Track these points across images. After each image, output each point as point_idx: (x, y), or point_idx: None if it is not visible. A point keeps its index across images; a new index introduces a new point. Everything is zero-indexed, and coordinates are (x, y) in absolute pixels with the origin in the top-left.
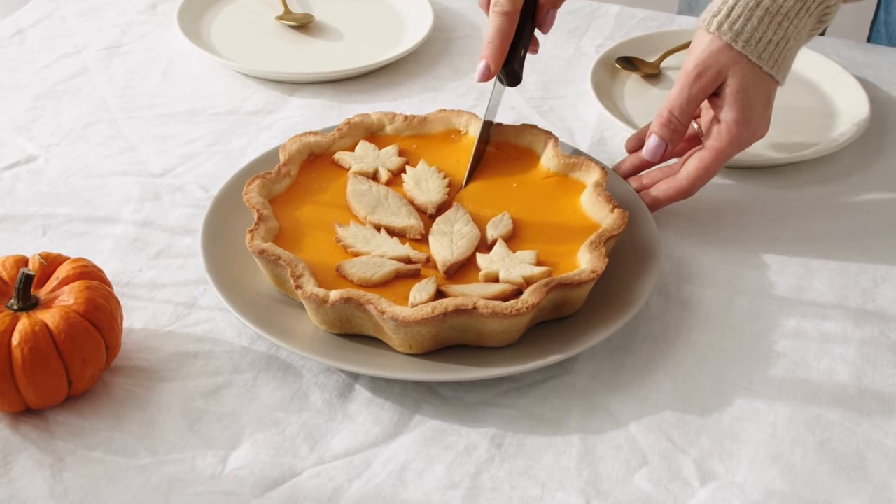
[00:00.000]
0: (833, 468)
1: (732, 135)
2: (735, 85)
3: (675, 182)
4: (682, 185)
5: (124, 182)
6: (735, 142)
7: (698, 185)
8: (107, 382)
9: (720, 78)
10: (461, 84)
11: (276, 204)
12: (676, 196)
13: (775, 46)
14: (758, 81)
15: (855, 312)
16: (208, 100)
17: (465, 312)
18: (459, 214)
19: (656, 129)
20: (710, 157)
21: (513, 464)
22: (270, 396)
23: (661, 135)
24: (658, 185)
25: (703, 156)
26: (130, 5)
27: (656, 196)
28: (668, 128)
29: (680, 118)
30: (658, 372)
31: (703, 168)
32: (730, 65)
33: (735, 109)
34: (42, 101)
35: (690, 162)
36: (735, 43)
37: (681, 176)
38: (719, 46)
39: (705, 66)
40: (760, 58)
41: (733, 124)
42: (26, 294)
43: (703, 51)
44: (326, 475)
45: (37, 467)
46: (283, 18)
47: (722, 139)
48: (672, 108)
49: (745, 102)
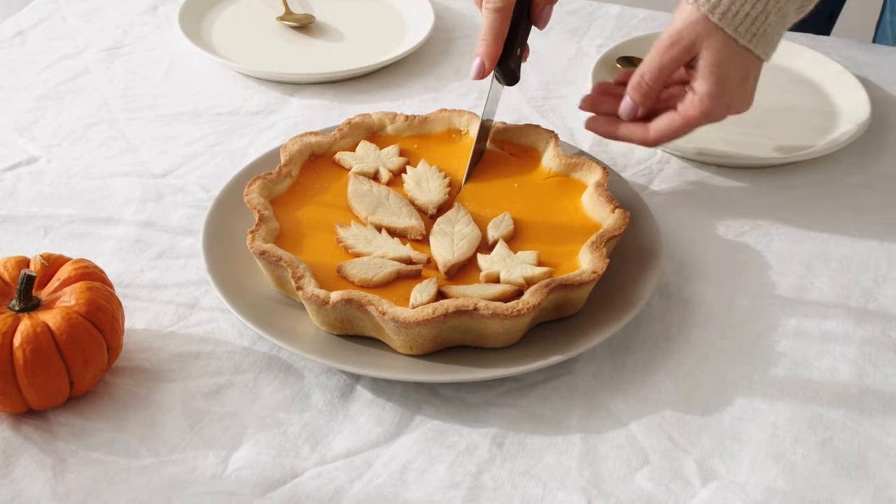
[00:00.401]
0: (834, 467)
1: (704, 106)
2: (709, 58)
3: (640, 131)
4: (647, 137)
5: (126, 183)
6: (705, 113)
7: (662, 142)
8: (108, 383)
9: (693, 49)
10: (462, 84)
11: (277, 205)
12: (639, 143)
13: (753, 21)
14: (733, 55)
15: (856, 312)
16: (209, 100)
17: (466, 313)
18: (460, 215)
19: (629, 91)
20: (678, 122)
21: (514, 463)
22: (272, 397)
23: (632, 97)
24: (625, 126)
25: (672, 118)
26: (131, 6)
27: (620, 135)
28: (639, 91)
29: (651, 84)
30: (659, 372)
31: (671, 130)
32: (704, 37)
33: (709, 83)
34: (43, 101)
35: (661, 120)
36: (712, 14)
37: (650, 128)
38: (696, 18)
39: (679, 36)
40: (737, 31)
41: (706, 97)
42: (28, 295)
43: (680, 21)
44: (328, 475)
45: (38, 468)
46: (284, 19)
47: (694, 108)
48: (644, 74)
49: (719, 76)
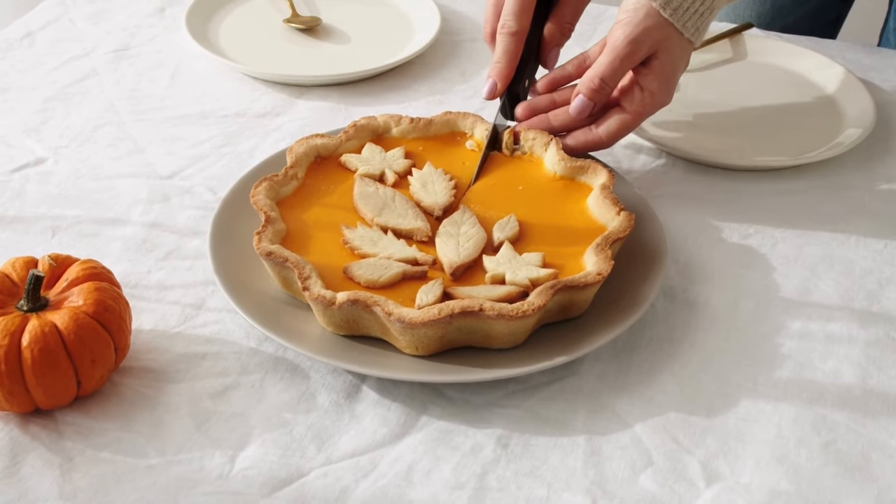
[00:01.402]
0: (838, 469)
1: (654, 101)
2: (663, 59)
3: (592, 136)
4: (600, 138)
5: (133, 184)
6: (655, 106)
7: (615, 141)
8: (115, 383)
9: (651, 52)
10: (468, 87)
11: (284, 206)
12: (594, 148)
13: (700, 16)
14: (681, 50)
15: (860, 314)
16: (216, 102)
17: (472, 314)
18: (466, 216)
19: (587, 93)
20: (630, 119)
21: (519, 464)
22: (278, 397)
23: (591, 98)
24: (574, 135)
25: (623, 118)
26: (139, 8)
27: (573, 144)
28: (600, 93)
29: (610, 84)
30: (663, 373)
31: (623, 128)
32: (661, 41)
33: (659, 80)
34: (51, 103)
35: (611, 122)
36: (664, 10)
37: (600, 132)
38: (652, 20)
39: (638, 42)
40: (685, 26)
41: (657, 92)
42: (36, 295)
43: (635, 25)
44: (334, 475)
45: (46, 467)
46: (291, 21)
47: (645, 105)
48: (604, 77)
49: (669, 73)
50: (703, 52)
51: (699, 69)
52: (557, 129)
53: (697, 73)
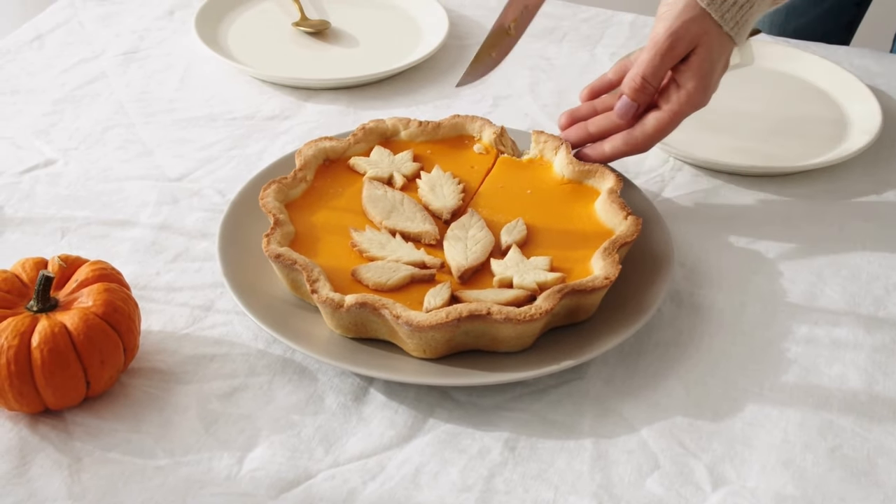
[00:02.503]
0: (844, 474)
1: (692, 100)
2: (702, 55)
3: (630, 139)
4: (637, 141)
5: (142, 186)
6: (694, 106)
7: (653, 143)
8: (124, 384)
9: (690, 47)
10: (476, 91)
11: (292, 209)
12: (632, 152)
13: (739, 9)
14: (721, 47)
15: (866, 319)
16: (225, 105)
17: (479, 318)
18: (474, 220)
19: (630, 94)
20: (667, 119)
21: (526, 467)
22: (286, 399)
23: (634, 98)
24: (612, 139)
25: (660, 117)
26: (148, 11)
27: (609, 150)
28: (643, 93)
29: (653, 83)
30: (670, 377)
31: (660, 129)
32: (701, 35)
33: (697, 77)
34: (61, 105)
35: (648, 122)
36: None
37: (636, 133)
38: (690, 12)
39: (678, 36)
40: (723, 18)
41: (693, 91)
42: (46, 296)
43: (674, 19)
44: (341, 477)
45: (55, 467)
46: (300, 25)
47: (682, 104)
48: (646, 76)
49: (707, 70)
50: None
51: None
52: (596, 136)
53: None
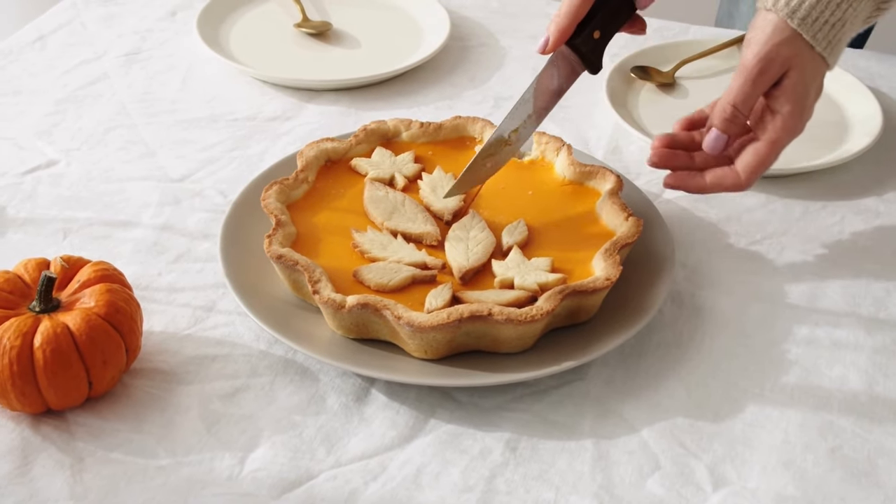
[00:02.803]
0: (844, 474)
1: (788, 126)
2: (795, 78)
3: (731, 175)
4: (739, 179)
5: (144, 187)
6: (790, 133)
7: (755, 179)
8: (126, 384)
9: (782, 71)
10: (477, 92)
11: (294, 209)
12: (732, 189)
13: (831, 27)
14: (814, 70)
15: (867, 321)
16: (227, 106)
17: (481, 319)
18: (475, 221)
19: (720, 124)
20: (766, 150)
21: (527, 468)
22: (288, 400)
23: (725, 129)
24: (712, 173)
25: (759, 149)
26: (150, 12)
27: (710, 185)
28: (734, 123)
29: (744, 112)
30: (671, 378)
31: (759, 162)
32: (792, 58)
33: (791, 102)
34: (63, 106)
35: (746, 156)
36: (791, 19)
37: (737, 169)
38: (779, 34)
39: (768, 60)
40: (815, 38)
41: (789, 116)
42: (48, 296)
43: (763, 43)
44: (343, 478)
45: (57, 467)
46: (302, 26)
47: (777, 131)
48: (736, 104)
49: (801, 94)
50: (711, 59)
51: (709, 76)
52: (699, 167)
53: (706, 79)
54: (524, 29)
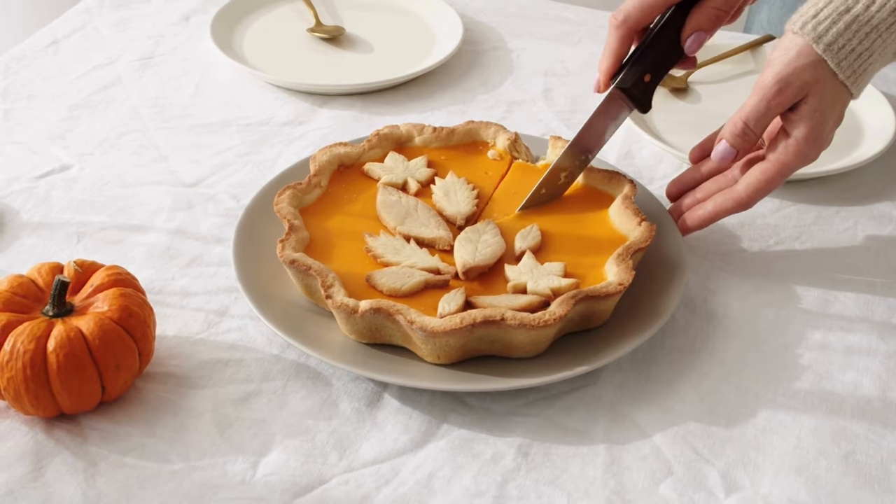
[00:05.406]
0: (857, 480)
1: (800, 151)
2: (813, 104)
3: (732, 194)
4: (740, 196)
5: (157, 191)
6: (801, 158)
7: (757, 198)
8: (139, 388)
9: (800, 95)
10: (490, 97)
11: (307, 214)
12: (734, 208)
13: (857, 57)
14: (835, 98)
15: (880, 326)
16: (240, 111)
17: (493, 323)
18: (489, 227)
19: (729, 138)
20: (773, 171)
21: (539, 473)
22: (300, 404)
23: (733, 144)
24: (714, 198)
25: (765, 168)
26: (164, 17)
27: (713, 210)
28: (743, 139)
29: (755, 130)
30: (683, 383)
31: (764, 181)
32: (812, 83)
33: (807, 127)
34: (76, 110)
35: (751, 173)
36: (816, 44)
37: (739, 188)
38: (803, 57)
39: (787, 82)
40: (839, 66)
41: (802, 141)
42: (61, 301)
43: (785, 65)
44: (355, 482)
45: (70, 472)
46: (315, 31)
47: (788, 154)
48: (748, 121)
49: (819, 121)
50: (725, 64)
51: (721, 80)
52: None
53: (719, 84)
54: (536, 34)
